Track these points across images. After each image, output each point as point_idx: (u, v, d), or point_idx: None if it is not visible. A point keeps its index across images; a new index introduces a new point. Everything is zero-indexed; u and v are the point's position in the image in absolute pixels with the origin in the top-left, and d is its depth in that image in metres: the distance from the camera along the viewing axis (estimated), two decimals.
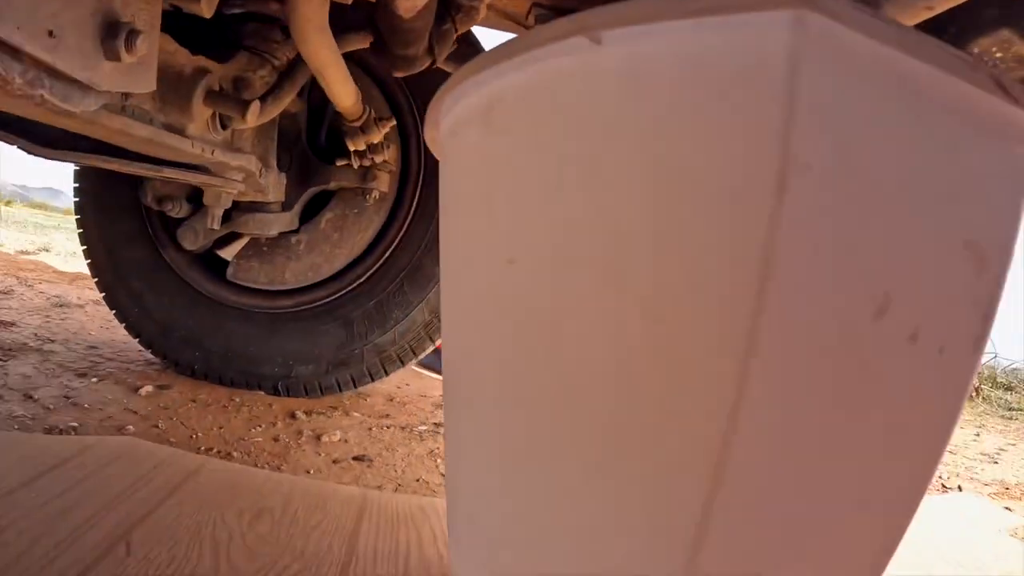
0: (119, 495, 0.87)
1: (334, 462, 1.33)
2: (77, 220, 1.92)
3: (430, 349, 1.80)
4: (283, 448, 1.36)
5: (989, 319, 0.31)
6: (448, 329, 0.47)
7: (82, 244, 1.92)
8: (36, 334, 2.02)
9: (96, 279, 1.90)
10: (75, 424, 1.28)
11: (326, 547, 0.84)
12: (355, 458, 1.37)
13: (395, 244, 1.79)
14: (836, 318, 0.28)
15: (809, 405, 0.28)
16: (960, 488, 1.85)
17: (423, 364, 2.66)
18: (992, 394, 4.06)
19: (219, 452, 1.29)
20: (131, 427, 1.32)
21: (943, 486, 1.84)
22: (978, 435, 2.70)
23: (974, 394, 4.02)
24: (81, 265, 4.12)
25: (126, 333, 1.88)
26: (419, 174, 1.81)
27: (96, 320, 2.45)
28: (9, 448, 0.96)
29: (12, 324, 2.09)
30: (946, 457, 2.22)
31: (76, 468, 0.93)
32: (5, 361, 1.64)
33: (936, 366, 0.30)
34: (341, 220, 1.80)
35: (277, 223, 1.72)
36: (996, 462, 2.21)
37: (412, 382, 2.31)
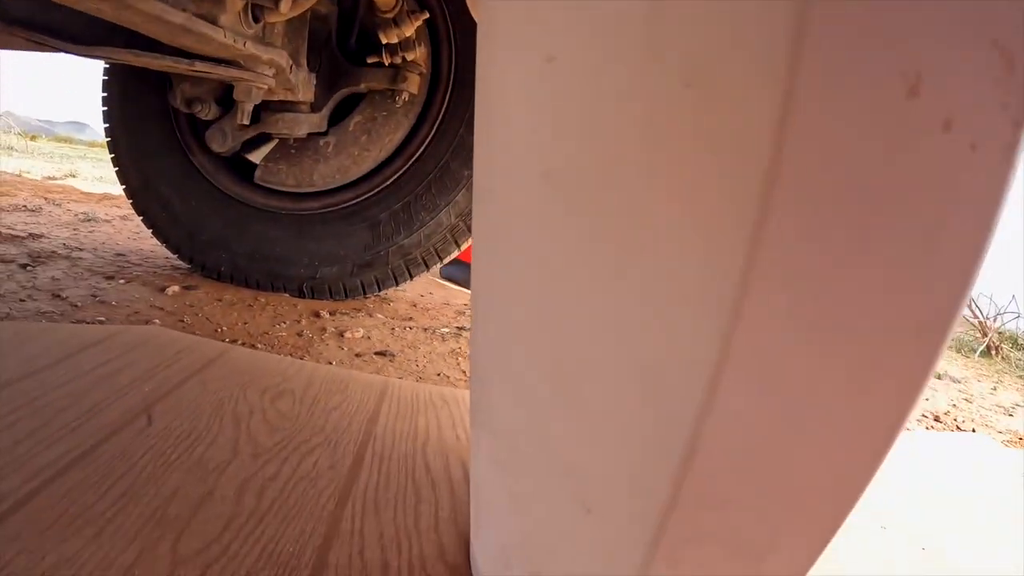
0: (142, 375, 0.88)
1: (356, 355, 1.34)
2: (105, 129, 1.92)
3: (455, 253, 1.79)
4: (306, 342, 1.37)
5: (1019, 126, 0.29)
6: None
7: (110, 152, 1.92)
8: (65, 244, 2.04)
9: (124, 187, 1.90)
10: (102, 319, 1.30)
11: (345, 425, 0.85)
12: (377, 353, 1.38)
13: (424, 147, 1.77)
14: (870, 92, 0.26)
15: (839, 192, 0.26)
16: (974, 431, 1.84)
17: (446, 276, 2.66)
18: (1012, 354, 4.01)
19: (243, 343, 1.30)
20: (157, 321, 1.34)
21: (957, 427, 1.84)
22: (995, 389, 2.67)
23: (994, 352, 3.97)
24: (108, 188, 4.16)
25: (153, 244, 1.90)
26: (449, 78, 1.78)
27: (124, 233, 2.47)
28: (36, 336, 0.97)
29: (41, 236, 2.11)
30: (962, 405, 2.22)
31: (101, 352, 0.94)
32: (34, 267, 1.66)
33: (969, 163, 0.28)
34: (370, 123, 1.78)
35: (306, 123, 1.71)
36: (1011, 415, 2.20)
37: (436, 292, 2.32)
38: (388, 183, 1.78)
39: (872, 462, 0.32)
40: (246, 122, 1.59)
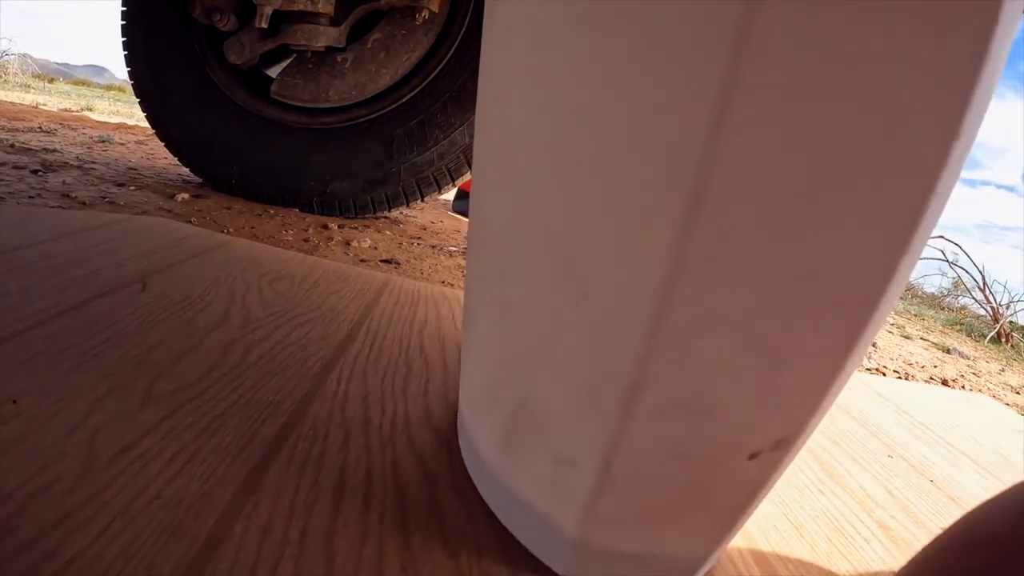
0: (143, 253, 0.87)
1: (362, 261, 1.33)
2: (123, 43, 1.90)
3: (467, 175, 1.77)
4: (311, 247, 1.36)
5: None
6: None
7: (127, 66, 1.90)
8: (78, 157, 2.04)
9: (140, 99, 1.89)
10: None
11: (342, 308, 0.83)
12: (383, 260, 1.37)
13: (442, 66, 1.74)
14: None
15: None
16: None
17: (458, 211, 2.65)
18: (1022, 344, 3.94)
19: None
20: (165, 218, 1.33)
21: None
22: (1003, 371, 2.64)
23: (1004, 339, 3.91)
24: (124, 119, 4.15)
25: (167, 162, 1.89)
26: None
27: (137, 153, 2.46)
28: (42, 217, 0.96)
29: (55, 150, 2.11)
30: (970, 377, 2.19)
31: (103, 233, 0.93)
32: (46, 173, 1.66)
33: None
34: (389, 40, 1.74)
35: (325, 36, 1.69)
36: (1018, 393, 2.17)
37: (447, 221, 2.30)
38: (404, 100, 1.75)
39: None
40: (264, 26, 1.57)
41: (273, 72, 1.89)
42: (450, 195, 2.86)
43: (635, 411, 0.31)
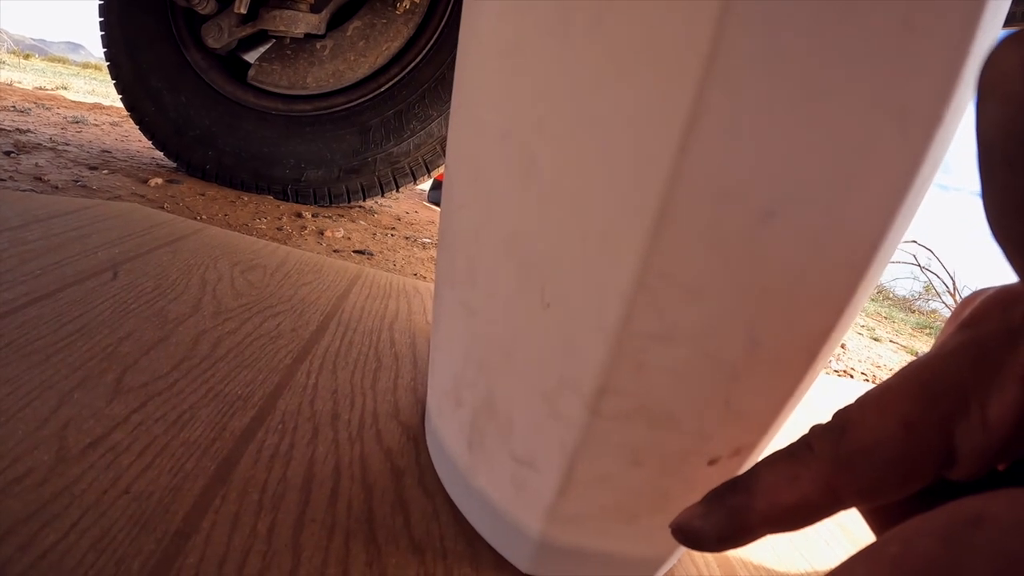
0: (114, 240, 0.87)
1: (335, 251, 1.33)
2: (101, 23, 1.88)
3: (443, 166, 1.77)
4: (285, 236, 1.36)
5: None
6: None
7: (104, 47, 1.88)
8: (51, 138, 2.01)
9: (115, 80, 1.87)
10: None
11: (314, 299, 0.84)
12: (356, 251, 1.37)
13: (421, 56, 1.74)
14: None
15: None
16: None
17: (433, 201, 2.65)
18: None
19: None
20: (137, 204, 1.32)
21: None
22: None
23: None
24: (99, 99, 4.09)
25: (140, 145, 1.87)
26: None
27: (112, 135, 2.43)
28: (12, 202, 0.95)
29: (28, 131, 2.08)
30: None
31: (74, 219, 0.93)
32: (18, 154, 1.63)
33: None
34: (369, 28, 1.74)
35: (304, 23, 1.68)
36: None
37: (421, 211, 2.30)
38: (382, 90, 1.75)
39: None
40: (243, 11, 1.56)
41: (251, 57, 1.88)
42: (426, 185, 2.86)
43: (594, 418, 0.32)
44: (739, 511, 0.25)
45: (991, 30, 0.26)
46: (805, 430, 0.25)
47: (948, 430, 0.21)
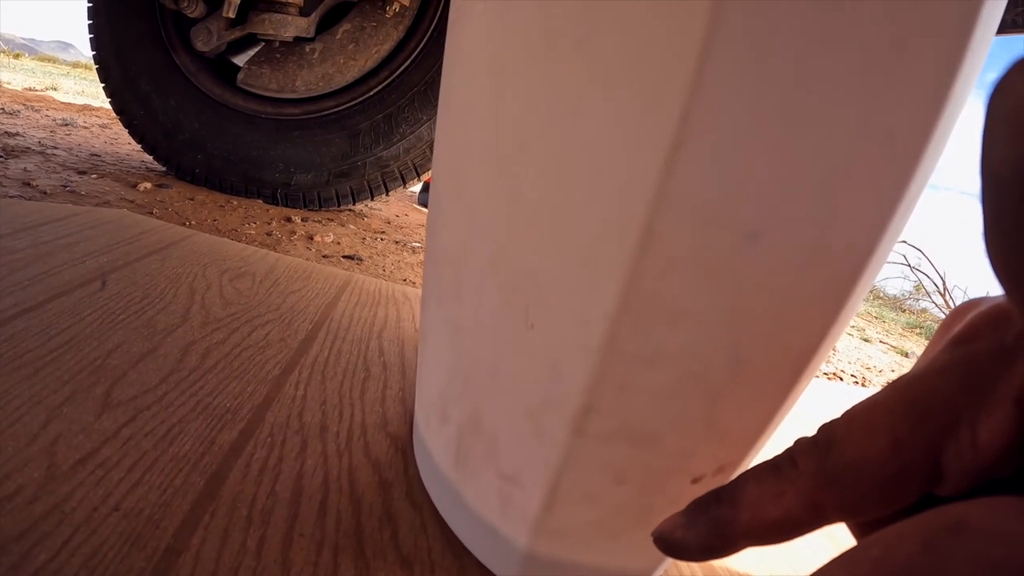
0: (102, 248, 0.87)
1: (324, 256, 1.33)
2: (89, 26, 1.88)
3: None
4: (274, 241, 1.36)
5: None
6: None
7: (93, 50, 1.88)
8: (40, 142, 2.01)
9: (104, 83, 1.86)
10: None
11: (303, 307, 0.84)
12: (345, 256, 1.37)
13: (411, 60, 1.74)
14: None
15: None
16: None
17: (422, 203, 2.65)
18: None
19: None
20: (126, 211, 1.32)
21: None
22: None
23: None
24: (88, 100, 4.07)
25: (130, 149, 1.87)
26: None
27: (101, 138, 2.43)
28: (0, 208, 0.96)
29: (16, 134, 2.07)
30: None
31: (62, 227, 0.93)
32: (6, 158, 1.63)
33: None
34: (358, 32, 1.74)
35: (293, 26, 1.68)
36: None
37: (411, 214, 2.30)
38: (372, 93, 1.75)
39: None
40: (232, 15, 1.56)
41: (240, 61, 1.88)
42: (416, 187, 2.86)
43: (578, 437, 0.33)
44: (722, 523, 0.25)
45: (981, 48, 0.27)
46: (792, 436, 0.25)
47: (936, 449, 0.22)
